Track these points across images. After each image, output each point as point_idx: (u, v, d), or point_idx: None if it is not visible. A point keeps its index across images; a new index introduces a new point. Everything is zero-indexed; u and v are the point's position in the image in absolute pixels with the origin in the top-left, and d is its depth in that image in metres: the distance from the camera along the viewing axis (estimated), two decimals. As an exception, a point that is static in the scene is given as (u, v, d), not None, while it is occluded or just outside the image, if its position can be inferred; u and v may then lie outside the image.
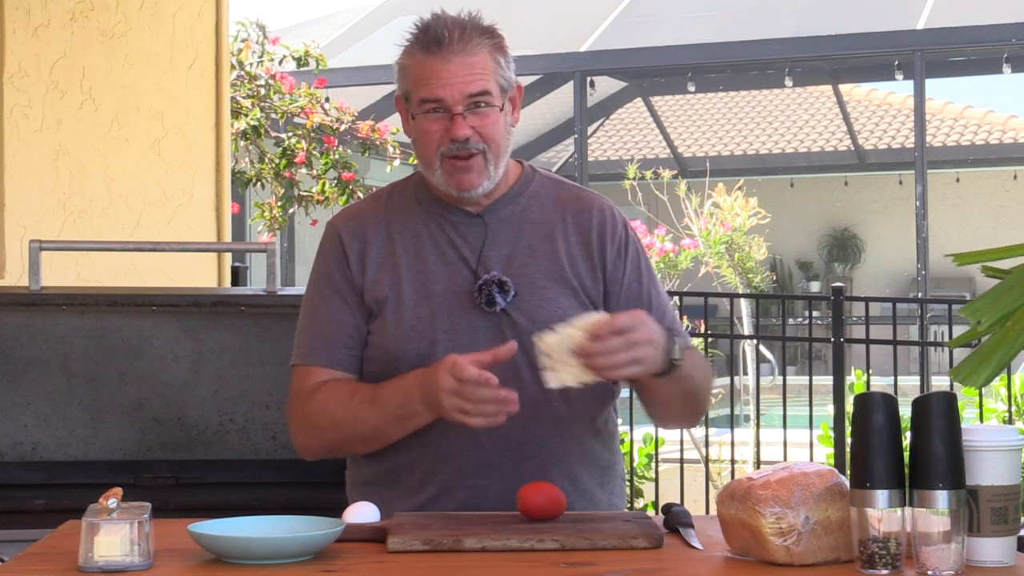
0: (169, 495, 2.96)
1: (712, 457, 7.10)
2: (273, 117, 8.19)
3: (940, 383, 9.31)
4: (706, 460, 6.70)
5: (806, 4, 14.11)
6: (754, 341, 9.48)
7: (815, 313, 14.05)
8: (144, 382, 3.15)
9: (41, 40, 4.49)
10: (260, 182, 8.26)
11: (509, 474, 2.28)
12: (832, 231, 18.48)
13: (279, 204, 8.25)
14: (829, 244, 18.51)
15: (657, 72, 15.07)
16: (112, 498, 1.85)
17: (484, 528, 2.01)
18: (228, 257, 5.09)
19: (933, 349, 9.69)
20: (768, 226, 9.73)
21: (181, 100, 4.94)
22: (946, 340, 6.52)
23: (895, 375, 5.97)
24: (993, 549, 1.80)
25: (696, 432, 7.87)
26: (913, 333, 12.23)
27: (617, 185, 10.37)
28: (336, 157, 8.14)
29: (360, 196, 7.96)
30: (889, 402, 1.79)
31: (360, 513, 2.08)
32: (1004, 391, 6.57)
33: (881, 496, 1.76)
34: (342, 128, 8.28)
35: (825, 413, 6.52)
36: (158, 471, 3.12)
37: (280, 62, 8.53)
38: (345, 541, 1.95)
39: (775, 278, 16.10)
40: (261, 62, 8.45)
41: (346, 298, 2.37)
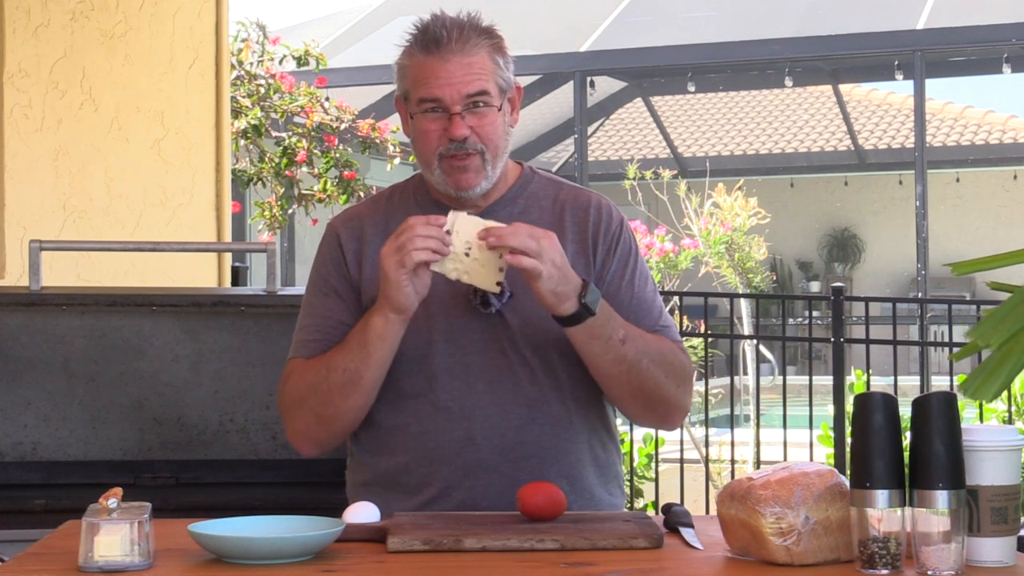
0: (169, 495, 2.96)
1: (712, 457, 7.10)
2: (273, 116, 8.19)
3: (940, 383, 9.30)
4: (706, 460, 6.70)
5: (806, 4, 14.11)
6: (754, 341, 9.48)
7: (815, 313, 14.05)
8: (144, 382, 3.15)
9: (41, 40, 4.49)
10: (260, 181, 8.26)
11: (506, 474, 2.28)
12: (832, 231, 18.48)
13: (279, 203, 8.25)
14: (829, 244, 18.51)
15: (657, 72, 15.08)
16: (112, 498, 1.85)
17: (484, 528, 2.01)
18: (228, 257, 5.09)
19: (933, 349, 9.71)
20: (768, 226, 9.73)
21: (181, 100, 4.94)
22: (946, 340, 6.50)
23: (895, 375, 5.97)
24: (993, 549, 1.80)
25: (696, 432, 7.89)
26: (913, 333, 12.23)
27: (617, 185, 10.37)
28: (337, 156, 8.14)
29: (361, 195, 7.97)
30: (889, 402, 1.79)
31: (360, 513, 2.08)
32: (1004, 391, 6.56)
33: (881, 496, 1.76)
34: (342, 127, 8.28)
35: (825, 413, 6.52)
36: (158, 471, 3.12)
37: (280, 62, 8.53)
38: (345, 541, 1.95)
39: (775, 278, 16.10)
40: (261, 62, 8.45)
41: (342, 296, 2.39)
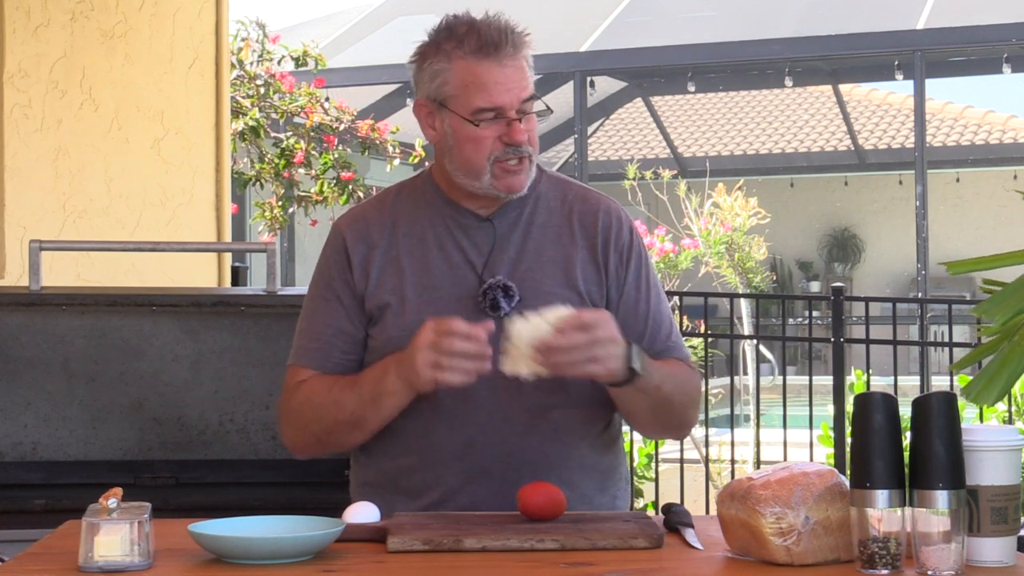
0: (169, 495, 2.96)
1: (712, 457, 7.09)
2: (273, 117, 8.19)
3: (940, 383, 9.30)
4: (706, 460, 6.70)
5: (806, 4, 14.12)
6: (754, 341, 9.48)
7: (815, 313, 14.04)
8: (144, 382, 3.15)
9: (41, 40, 4.48)
10: (260, 182, 8.25)
11: (507, 480, 2.26)
12: (832, 231, 18.48)
13: (279, 204, 8.25)
14: (829, 244, 18.51)
15: (657, 72, 15.08)
16: (112, 498, 1.85)
17: (484, 528, 2.01)
18: (228, 257, 5.09)
19: (933, 349, 9.70)
20: (768, 226, 9.73)
21: (181, 100, 4.94)
22: (946, 340, 6.50)
23: (895, 375, 5.97)
24: (993, 549, 1.80)
25: (696, 432, 7.87)
26: (913, 333, 12.23)
27: (617, 185, 10.36)
28: (335, 156, 8.13)
29: (360, 196, 7.96)
30: (889, 402, 1.79)
31: (360, 513, 2.08)
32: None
33: (881, 496, 1.76)
34: (342, 127, 8.27)
35: (825, 413, 6.52)
36: (158, 471, 3.12)
37: (279, 62, 8.53)
38: (345, 541, 1.95)
39: (775, 278, 16.10)
40: (261, 62, 8.45)
41: (345, 303, 2.35)
